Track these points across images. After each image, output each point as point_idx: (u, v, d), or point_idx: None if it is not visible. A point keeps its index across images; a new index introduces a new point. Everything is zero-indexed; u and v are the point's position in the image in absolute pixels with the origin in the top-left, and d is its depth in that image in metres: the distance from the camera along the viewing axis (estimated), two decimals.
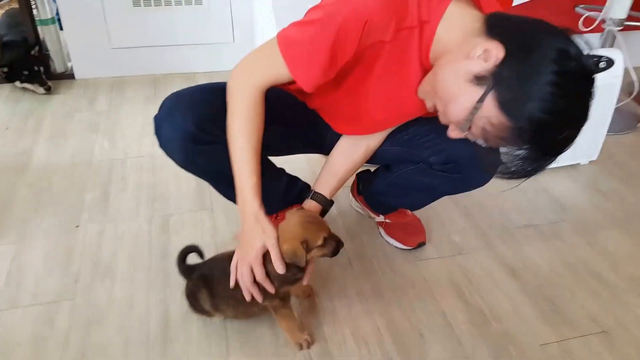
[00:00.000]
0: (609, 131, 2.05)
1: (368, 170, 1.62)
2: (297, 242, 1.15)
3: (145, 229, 1.67)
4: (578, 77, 0.90)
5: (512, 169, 0.98)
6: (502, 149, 1.01)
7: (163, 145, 1.23)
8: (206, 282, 1.29)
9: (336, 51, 1.01)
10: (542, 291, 1.50)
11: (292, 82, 1.08)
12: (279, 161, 1.53)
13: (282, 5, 2.10)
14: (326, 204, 1.36)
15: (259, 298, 1.19)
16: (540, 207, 1.85)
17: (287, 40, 1.03)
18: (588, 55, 0.90)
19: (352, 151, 1.37)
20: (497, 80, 0.92)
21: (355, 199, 1.73)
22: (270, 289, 1.18)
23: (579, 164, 2.08)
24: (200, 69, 2.63)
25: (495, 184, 1.24)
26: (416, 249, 1.62)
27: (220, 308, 1.30)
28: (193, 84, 2.51)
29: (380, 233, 1.68)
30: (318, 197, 1.35)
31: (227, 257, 1.26)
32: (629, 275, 1.57)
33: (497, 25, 0.96)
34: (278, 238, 1.15)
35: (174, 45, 2.55)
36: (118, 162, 1.98)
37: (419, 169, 1.35)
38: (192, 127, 1.17)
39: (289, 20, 1.09)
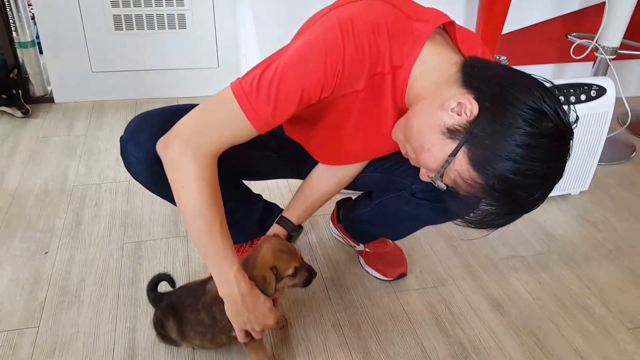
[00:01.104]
0: (601, 161, 2.00)
1: (349, 198, 1.57)
2: (267, 268, 1.10)
3: (117, 255, 1.60)
4: (552, 138, 0.86)
5: (481, 220, 0.95)
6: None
7: (128, 166, 1.19)
8: (174, 310, 1.23)
9: (304, 105, 0.97)
10: (526, 324, 1.44)
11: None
12: (260, 187, 1.48)
13: (265, 32, 2.08)
14: (292, 229, 1.31)
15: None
16: (527, 237, 1.79)
17: (249, 91, 0.94)
18: (565, 112, 0.87)
19: (327, 178, 1.33)
20: (469, 137, 0.88)
21: (335, 227, 1.67)
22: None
23: (569, 194, 2.04)
24: (184, 94, 2.58)
25: None
26: (396, 280, 1.56)
27: (188, 336, 1.23)
28: None
29: (360, 262, 1.61)
30: (284, 221, 1.31)
31: (199, 284, 1.22)
32: (618, 309, 1.51)
33: (473, 76, 0.92)
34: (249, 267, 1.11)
35: (156, 70, 2.52)
36: (93, 187, 1.92)
37: (401, 197, 1.30)
38: None
39: (271, 45, 1.03)
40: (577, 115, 0.91)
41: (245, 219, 1.45)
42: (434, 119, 0.92)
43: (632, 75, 2.97)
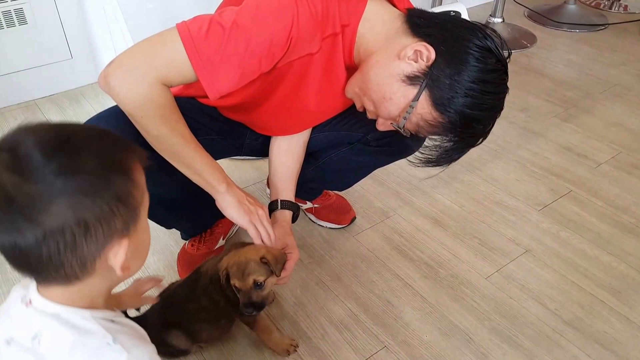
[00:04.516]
0: None
1: None
2: (223, 265, 1.14)
3: None
4: (498, 72, 0.99)
5: (438, 158, 1.07)
6: (430, 143, 1.08)
7: None
8: (170, 321, 1.22)
9: (255, 67, 0.98)
10: (465, 230, 1.67)
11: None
12: None
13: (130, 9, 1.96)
14: (295, 208, 1.34)
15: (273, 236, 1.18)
16: None
17: (198, 47, 0.93)
18: (502, 48, 0.99)
19: (292, 149, 1.36)
20: (430, 80, 0.98)
21: None
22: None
23: None
24: (41, 93, 2.32)
25: None
26: (350, 225, 1.68)
27: (196, 334, 1.23)
28: (37, 114, 2.26)
29: (310, 219, 1.70)
30: (286, 204, 1.32)
31: (189, 276, 1.24)
32: (523, 196, 1.80)
33: (420, 25, 1.01)
34: None
35: (3, 75, 2.21)
36: None
37: (354, 148, 1.39)
38: None
39: (140, 22, 0.97)
40: (510, 51, 1.07)
41: (204, 205, 1.43)
42: (392, 69, 1.01)
43: None
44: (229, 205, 1.11)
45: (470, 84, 0.96)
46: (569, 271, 1.51)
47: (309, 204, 1.68)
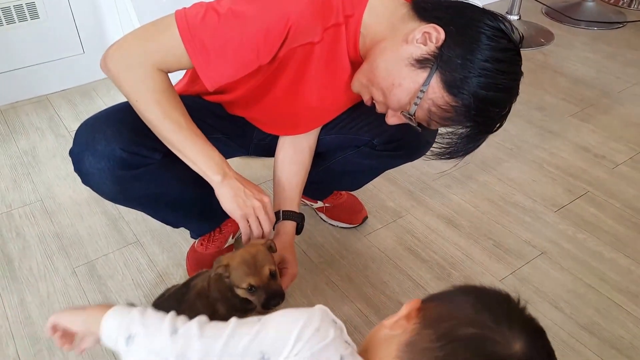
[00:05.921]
0: None
1: None
2: (222, 270, 1.09)
3: (73, 283, 1.48)
4: (512, 52, 0.95)
5: (453, 149, 1.02)
6: (443, 131, 1.04)
7: (88, 180, 1.11)
8: None
9: (252, 57, 0.97)
10: (479, 231, 1.64)
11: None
12: None
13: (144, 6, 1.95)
14: (299, 218, 1.31)
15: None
16: None
17: (193, 33, 0.93)
18: (514, 31, 0.96)
19: (297, 157, 1.33)
20: (440, 62, 0.94)
21: None
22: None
23: None
24: (53, 89, 2.32)
25: None
26: (361, 224, 1.65)
27: None
28: (49, 109, 2.25)
29: (322, 218, 1.68)
30: (290, 215, 1.29)
31: (182, 286, 1.19)
32: (539, 197, 1.77)
33: (427, 9, 0.98)
34: None
35: (15, 70, 2.21)
36: (3, 216, 1.71)
37: (361, 152, 1.36)
38: (120, 152, 1.07)
39: (153, 17, 0.99)
40: (521, 36, 1.01)
41: (211, 204, 1.42)
42: (400, 53, 0.97)
43: None
44: (223, 197, 1.09)
45: (484, 63, 0.92)
46: (586, 274, 1.48)
47: (320, 203, 1.65)
